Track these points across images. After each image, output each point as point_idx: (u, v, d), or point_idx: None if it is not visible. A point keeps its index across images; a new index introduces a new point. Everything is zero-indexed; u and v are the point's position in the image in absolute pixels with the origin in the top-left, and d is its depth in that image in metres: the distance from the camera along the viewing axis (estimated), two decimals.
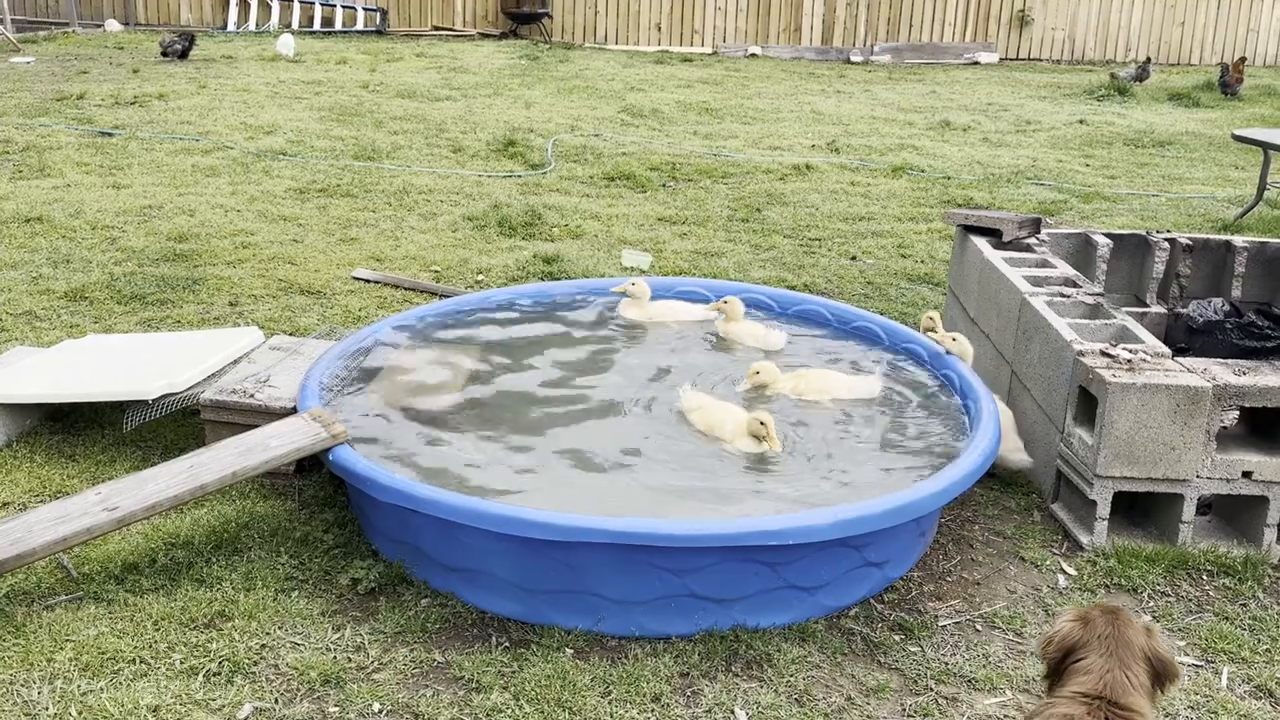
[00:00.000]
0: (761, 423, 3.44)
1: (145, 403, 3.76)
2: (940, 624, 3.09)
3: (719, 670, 2.85)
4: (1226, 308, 4.35)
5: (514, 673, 2.79)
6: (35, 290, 5.43)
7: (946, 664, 2.92)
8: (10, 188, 7.31)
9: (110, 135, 8.99)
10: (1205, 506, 3.59)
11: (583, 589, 2.95)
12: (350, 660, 2.84)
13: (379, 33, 17.14)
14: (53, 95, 10.71)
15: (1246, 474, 3.41)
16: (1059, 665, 2.24)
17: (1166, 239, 4.82)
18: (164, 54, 13.33)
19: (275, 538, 3.34)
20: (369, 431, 3.55)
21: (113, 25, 16.68)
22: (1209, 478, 3.41)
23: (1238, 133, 7.67)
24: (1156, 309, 4.68)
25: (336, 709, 2.67)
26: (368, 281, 5.75)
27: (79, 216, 6.67)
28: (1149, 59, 15.46)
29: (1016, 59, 17.58)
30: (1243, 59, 14.53)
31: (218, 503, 3.53)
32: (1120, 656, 2.18)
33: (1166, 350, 3.61)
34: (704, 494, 3.28)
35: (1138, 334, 3.75)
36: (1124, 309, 4.31)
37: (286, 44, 14.12)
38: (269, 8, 17.11)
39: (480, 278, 5.89)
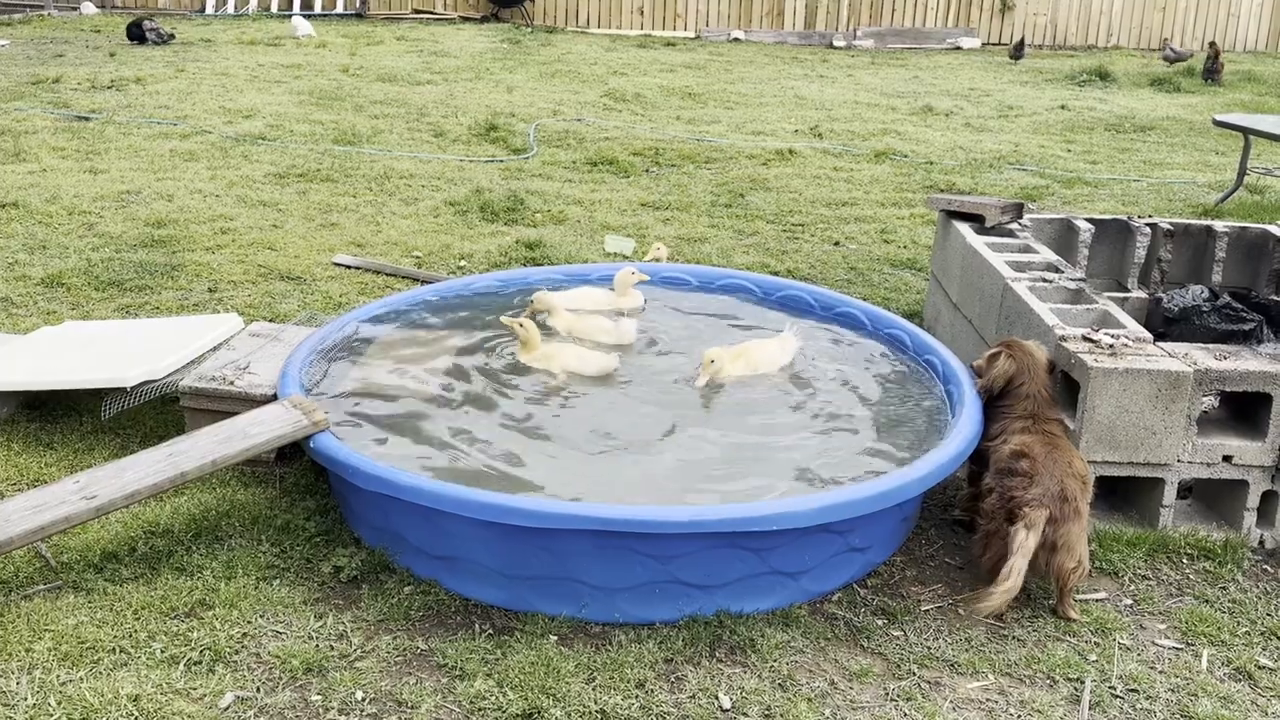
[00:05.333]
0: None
1: (124, 390, 3.72)
2: (923, 609, 3.10)
3: (703, 656, 2.85)
4: (1206, 294, 4.37)
5: (497, 660, 2.78)
6: (11, 276, 5.37)
7: (929, 648, 2.93)
8: None
9: (87, 120, 8.88)
10: (1185, 490, 3.61)
11: (566, 576, 2.94)
12: (333, 648, 2.82)
13: (359, 16, 16.99)
14: (28, 79, 10.57)
15: (1227, 458, 3.43)
16: (1004, 389, 3.42)
17: (1148, 224, 4.84)
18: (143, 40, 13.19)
19: (256, 526, 3.32)
20: (350, 418, 3.52)
21: (88, 8, 16.47)
22: (1190, 462, 3.43)
23: (1218, 118, 7.70)
24: (1138, 294, 4.69)
25: (319, 697, 2.66)
26: (348, 267, 5.70)
27: (55, 202, 6.59)
28: (1213, 44, 14.97)
29: (999, 44, 17.59)
30: (1213, 44, 14.65)
31: (198, 491, 3.50)
32: (1038, 375, 3.41)
33: (1148, 335, 3.62)
34: (689, 479, 3.27)
35: (1119, 319, 3.76)
36: (1106, 294, 4.32)
37: (302, 25, 14.28)
38: None
39: (462, 263, 5.86)
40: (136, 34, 13.28)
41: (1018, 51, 15.83)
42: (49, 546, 3.13)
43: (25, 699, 2.59)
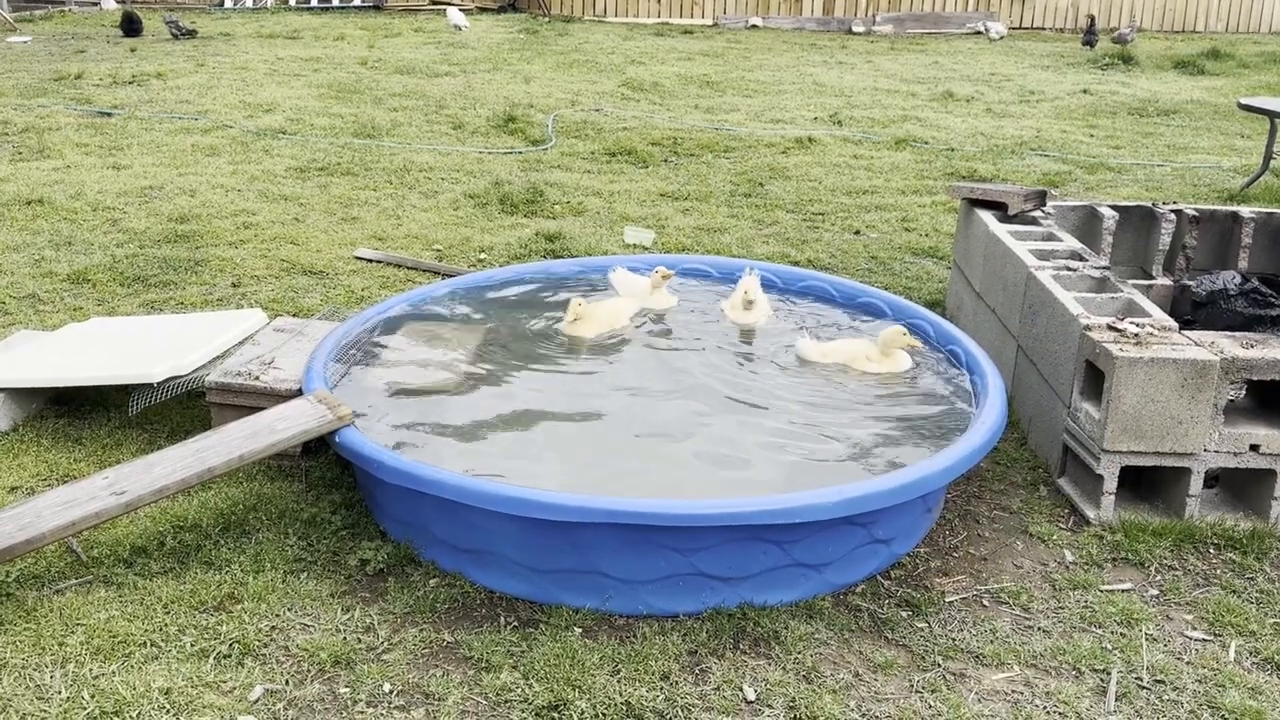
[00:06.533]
0: (903, 333, 3.89)
1: (150, 386, 3.76)
2: (947, 600, 3.10)
3: (727, 648, 2.86)
4: (1237, 279, 4.34)
5: (523, 652, 2.80)
6: (38, 273, 5.42)
7: (954, 640, 2.93)
8: (10, 169, 7.29)
9: (109, 115, 8.95)
10: (1212, 479, 3.59)
11: (590, 569, 2.95)
12: (360, 641, 2.85)
13: (377, 8, 17.02)
14: (51, 75, 10.66)
15: (1254, 447, 3.40)
16: None
17: (1173, 211, 4.80)
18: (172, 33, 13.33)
19: (283, 519, 3.35)
20: (375, 413, 3.54)
21: (109, 3, 16.59)
22: (1216, 451, 3.40)
23: (1244, 101, 7.61)
24: (1163, 281, 4.66)
25: (347, 690, 2.68)
26: (370, 261, 5.73)
27: (80, 198, 6.65)
28: (1092, 17, 15.50)
29: (1020, 28, 17.44)
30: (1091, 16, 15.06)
31: (225, 485, 3.53)
32: None
33: (1174, 323, 3.59)
34: (711, 470, 3.28)
35: (1144, 307, 3.74)
36: (1130, 282, 4.29)
37: (456, 17, 14.82)
38: None
39: (483, 256, 5.88)
40: (131, 29, 13.39)
41: (1089, 36, 14.71)
42: (79, 541, 3.17)
43: (59, 692, 2.63)
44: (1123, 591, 3.16)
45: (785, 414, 3.61)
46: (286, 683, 2.70)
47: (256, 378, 3.68)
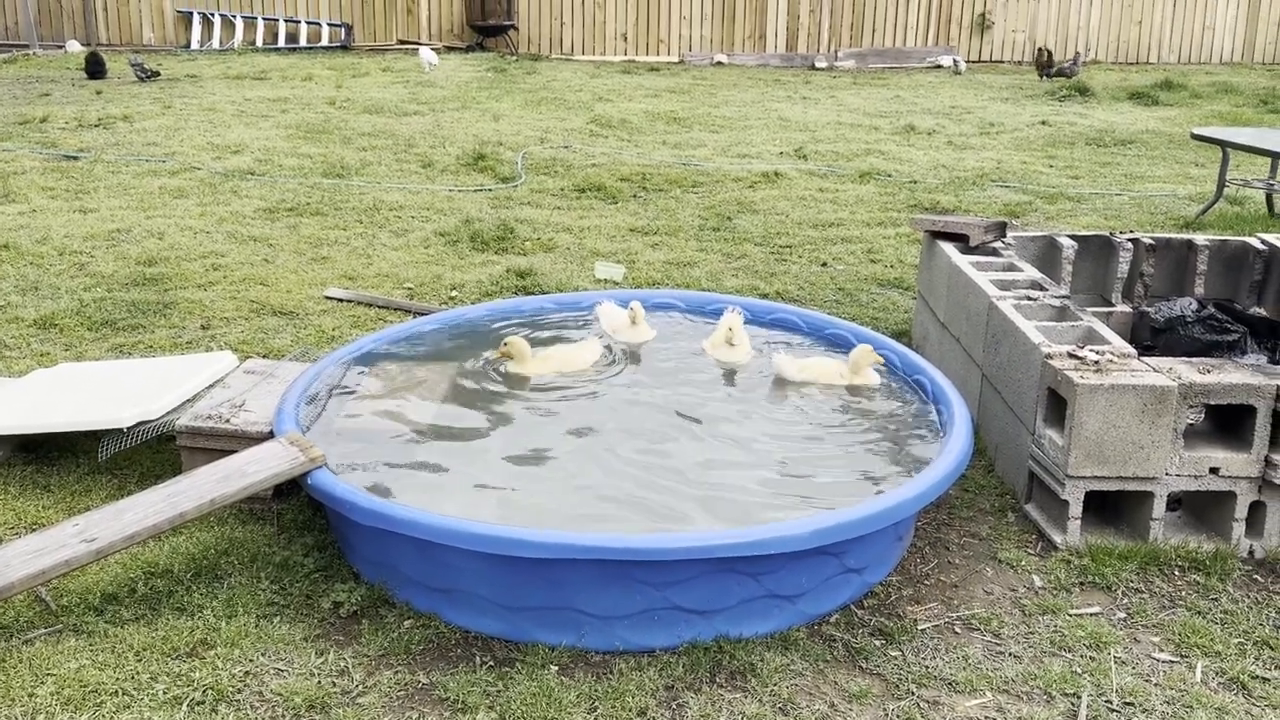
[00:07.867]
0: (872, 351, 4.09)
1: (120, 431, 3.74)
2: (920, 628, 3.13)
3: (703, 682, 2.87)
4: (1195, 305, 4.44)
5: (499, 692, 2.80)
6: (4, 319, 5.38)
7: (927, 667, 2.96)
8: None
9: (75, 159, 8.92)
10: (1175, 502, 3.66)
11: (565, 605, 2.96)
12: (335, 685, 2.83)
13: (344, 48, 17.10)
14: (15, 119, 10.61)
15: (1214, 470, 3.47)
16: None
17: (1130, 239, 4.91)
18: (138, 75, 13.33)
19: (255, 563, 3.33)
20: (346, 454, 3.54)
21: (74, 46, 16.55)
22: (1178, 475, 3.47)
23: (1196, 131, 7.81)
24: (1122, 309, 4.76)
25: None
26: (340, 301, 5.74)
27: (46, 242, 6.61)
28: (1077, 54, 16.08)
29: (979, 61, 17.78)
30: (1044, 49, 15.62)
31: (196, 530, 3.51)
32: None
33: (1132, 350, 3.67)
34: (679, 506, 3.30)
35: (1104, 335, 3.82)
36: (1090, 310, 4.38)
37: (428, 55, 14.84)
38: (232, 25, 17.03)
39: (454, 294, 5.90)
40: (96, 71, 13.41)
41: (1047, 67, 15.07)
42: (49, 590, 3.14)
43: None
44: (1091, 615, 3.21)
45: (758, 446, 3.65)
46: None
47: (227, 421, 3.68)
